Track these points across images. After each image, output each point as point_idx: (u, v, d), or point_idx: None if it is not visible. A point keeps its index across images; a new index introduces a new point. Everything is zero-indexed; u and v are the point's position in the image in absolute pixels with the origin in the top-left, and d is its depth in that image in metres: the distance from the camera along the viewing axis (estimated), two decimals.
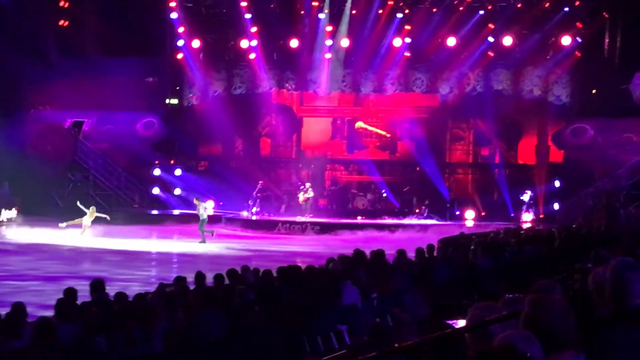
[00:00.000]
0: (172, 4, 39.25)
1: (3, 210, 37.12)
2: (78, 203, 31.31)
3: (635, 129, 34.73)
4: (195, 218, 36.04)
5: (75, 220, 30.51)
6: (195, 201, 31.07)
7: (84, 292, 11.60)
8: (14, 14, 39.16)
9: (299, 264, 14.14)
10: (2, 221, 36.57)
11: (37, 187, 39.05)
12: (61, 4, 40.66)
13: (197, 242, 29.51)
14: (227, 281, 12.56)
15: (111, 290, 12.10)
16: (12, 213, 37.49)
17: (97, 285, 11.46)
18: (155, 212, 39.15)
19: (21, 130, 40.17)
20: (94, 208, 31.24)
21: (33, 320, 9.25)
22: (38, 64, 41.08)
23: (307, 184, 37.24)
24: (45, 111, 41.64)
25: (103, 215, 31.16)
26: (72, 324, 9.50)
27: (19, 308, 9.58)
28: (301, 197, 36.71)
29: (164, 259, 28.27)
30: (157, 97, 42.13)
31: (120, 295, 11.24)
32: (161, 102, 42.22)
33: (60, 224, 30.64)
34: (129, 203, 40.02)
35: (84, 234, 30.16)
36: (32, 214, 36.98)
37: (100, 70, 40.66)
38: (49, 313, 10.92)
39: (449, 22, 37.38)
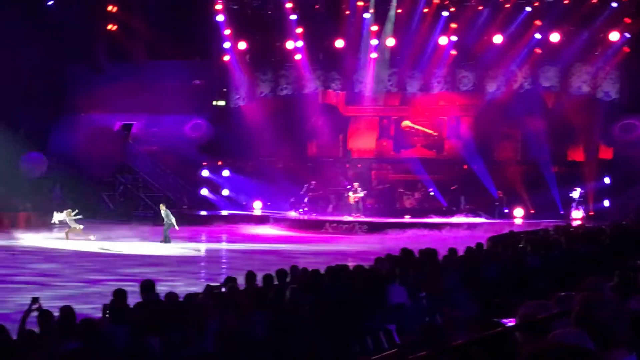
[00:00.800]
0: (218, 7, 39.51)
1: (55, 213, 36.81)
2: (55, 214, 31.74)
3: None
4: (244, 218, 37.65)
5: (71, 229, 30.74)
6: (160, 207, 31.04)
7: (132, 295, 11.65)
8: (64, 20, 39.65)
9: (347, 264, 14.10)
10: (54, 224, 36.49)
11: (87, 189, 39.55)
12: (110, 9, 40.86)
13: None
14: (276, 281, 12.55)
15: (161, 291, 12.13)
16: (64, 215, 37.07)
17: (148, 286, 11.45)
18: (204, 213, 39.62)
19: (71, 134, 40.63)
20: (69, 210, 31.44)
21: (84, 322, 9.28)
22: (87, 69, 41.74)
23: (356, 184, 37.35)
24: (95, 115, 41.99)
25: (77, 217, 31.23)
26: (124, 325, 9.54)
27: (70, 310, 9.61)
28: (351, 197, 36.86)
29: (212, 259, 28.80)
30: (204, 100, 42.51)
31: (171, 296, 11.21)
32: (208, 104, 42.59)
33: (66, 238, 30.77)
34: (178, 204, 39.87)
35: (74, 234, 30.49)
36: (84, 216, 36.80)
37: (148, 73, 41.05)
38: (98, 315, 11.62)
39: (496, 19, 37.22)
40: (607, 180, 35.68)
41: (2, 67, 38.20)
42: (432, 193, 38.82)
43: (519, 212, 36.21)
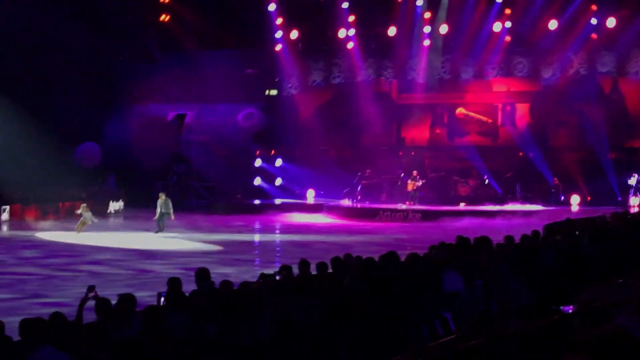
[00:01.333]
0: None
1: (111, 202, 38.39)
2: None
3: None
4: (297, 207, 38.10)
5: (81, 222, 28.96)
6: (160, 195, 30.25)
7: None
8: (117, 11, 39.97)
9: (401, 252, 13.68)
10: (110, 213, 37.86)
11: (141, 179, 40.25)
12: (161, 0, 41.39)
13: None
14: (330, 269, 12.64)
15: (215, 279, 12.16)
16: (119, 205, 38.96)
17: (203, 274, 11.52)
18: (257, 202, 40.21)
19: (125, 124, 41.71)
20: (84, 205, 29.68)
21: (141, 310, 9.44)
22: (140, 60, 42.20)
23: (414, 172, 37.56)
24: (148, 105, 42.43)
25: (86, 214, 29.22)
26: (181, 312, 9.64)
27: (128, 298, 9.74)
28: (410, 184, 37.13)
29: (266, 247, 29.24)
30: (257, 89, 42.81)
31: (226, 284, 11.12)
32: (260, 94, 43.01)
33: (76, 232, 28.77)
34: (231, 194, 40.69)
35: (82, 228, 28.77)
36: (138, 206, 38.13)
37: (200, 63, 41.33)
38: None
39: (551, 5, 37.17)
40: None
41: (56, 59, 38.76)
42: (487, 181, 39.08)
43: (575, 199, 36.28)
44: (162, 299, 11.35)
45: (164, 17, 42.07)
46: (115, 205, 38.82)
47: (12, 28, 36.86)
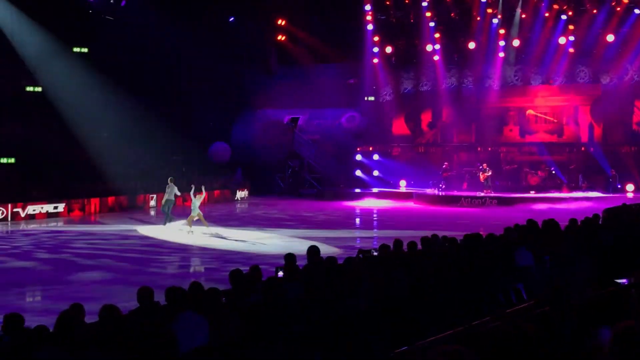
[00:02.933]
0: (368, 18, 42.30)
1: (237, 191, 41.98)
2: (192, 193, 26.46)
3: None
4: (391, 194, 39.83)
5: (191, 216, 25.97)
6: (169, 181, 28.15)
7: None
8: (242, 34, 43.08)
9: (481, 232, 14.02)
10: (237, 200, 41.36)
11: (263, 172, 43.43)
12: (279, 22, 44.05)
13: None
14: (419, 246, 12.87)
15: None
16: (245, 193, 42.44)
17: (313, 250, 11.66)
18: (357, 190, 42.16)
19: (249, 127, 44.83)
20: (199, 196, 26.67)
21: (265, 280, 9.91)
22: (261, 73, 45.12)
23: (484, 165, 38.77)
24: (268, 110, 44.91)
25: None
26: (296, 282, 9.80)
27: (256, 269, 10.25)
28: (481, 176, 38.38)
29: (366, 226, 30.89)
30: (357, 96, 44.75)
31: (331, 259, 11.17)
32: (361, 100, 44.86)
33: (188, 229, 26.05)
34: (336, 183, 43.04)
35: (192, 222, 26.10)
36: (259, 194, 42.01)
37: (310, 75, 43.85)
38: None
39: (609, 21, 38.47)
40: None
41: (194, 75, 41.63)
42: (553, 172, 40.15)
43: (630, 187, 37.11)
44: (280, 272, 11.59)
45: (282, 37, 44.89)
46: (241, 194, 41.95)
47: (161, 51, 39.26)
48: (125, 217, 31.61)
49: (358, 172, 44.08)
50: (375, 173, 43.90)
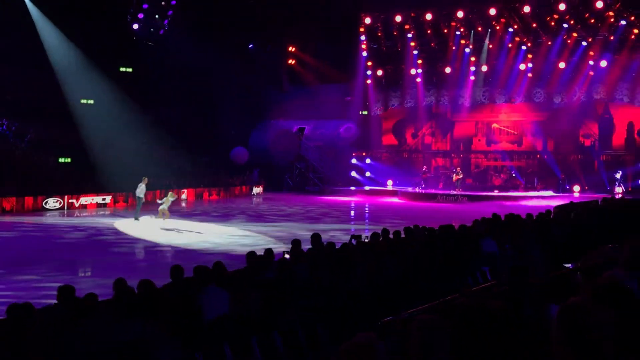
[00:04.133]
0: (363, 46, 42.11)
1: (254, 188, 41.85)
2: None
3: None
4: (380, 192, 39.35)
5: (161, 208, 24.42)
6: (143, 179, 25.42)
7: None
8: (260, 57, 43.34)
9: (454, 224, 13.74)
10: (254, 195, 41.29)
11: (275, 172, 43.34)
12: (290, 49, 43.99)
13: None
14: (403, 235, 12.67)
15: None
16: (260, 189, 42.30)
17: (316, 237, 11.45)
18: (352, 188, 41.81)
19: (265, 135, 44.21)
20: (171, 193, 25.57)
21: (276, 260, 9.70)
22: (275, 90, 44.65)
23: (458, 168, 38.93)
24: (280, 121, 44.55)
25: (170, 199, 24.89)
26: (303, 264, 9.50)
27: (270, 251, 10.00)
28: (454, 177, 38.27)
29: (359, 217, 30.42)
30: (353, 110, 44.30)
31: (330, 245, 11.00)
32: (356, 114, 44.38)
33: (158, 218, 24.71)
34: (335, 182, 42.72)
35: (164, 217, 24.43)
36: (272, 190, 41.92)
37: (315, 93, 43.63)
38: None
39: (562, 52, 38.02)
40: None
41: (220, 90, 41.06)
42: (514, 175, 39.70)
43: (577, 188, 36.67)
44: (287, 255, 11.22)
45: (292, 62, 44.75)
46: (257, 190, 41.85)
47: (194, 71, 39.15)
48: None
49: (353, 173, 43.75)
50: (367, 174, 43.62)
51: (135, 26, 38.60)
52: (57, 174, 33.02)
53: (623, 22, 36.34)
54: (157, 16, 39.20)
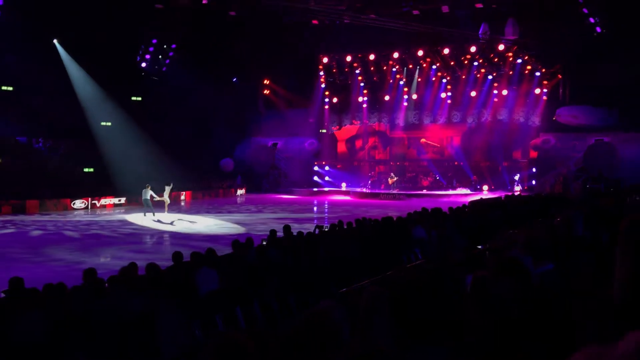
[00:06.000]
0: (322, 79, 41.90)
1: (238, 190, 41.00)
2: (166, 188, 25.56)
3: (578, 139, 34.21)
4: (336, 192, 38.69)
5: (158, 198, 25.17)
6: (147, 187, 24.98)
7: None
8: (242, 88, 42.73)
9: (392, 216, 13.18)
10: (238, 196, 40.35)
11: (254, 178, 42.60)
12: (265, 82, 43.48)
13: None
14: (354, 225, 12.59)
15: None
16: (243, 191, 41.38)
17: (287, 228, 11.39)
18: (315, 189, 41.32)
19: (246, 148, 43.46)
20: (168, 187, 25.99)
21: (256, 246, 9.63)
22: (255, 113, 43.94)
23: (392, 174, 38.93)
24: (258, 138, 43.73)
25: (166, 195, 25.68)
26: (277, 249, 9.34)
27: (250, 239, 9.69)
28: (390, 180, 38.52)
29: (320, 212, 29.39)
30: (315, 129, 43.74)
31: (300, 233, 11.01)
32: (317, 132, 43.93)
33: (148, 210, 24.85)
34: (301, 185, 42.00)
35: (165, 209, 25.32)
36: (252, 192, 41.09)
37: (285, 115, 42.30)
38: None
39: (473, 83, 38.17)
40: (534, 169, 36.40)
41: (213, 112, 40.29)
42: (437, 178, 39.96)
43: (485, 187, 36.93)
44: (264, 242, 11.01)
45: (267, 91, 44.03)
46: (240, 192, 41.02)
47: (191, 98, 38.16)
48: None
49: (315, 178, 43.02)
50: (327, 178, 43.11)
51: (144, 64, 38.44)
52: (83, 180, 33.08)
53: (519, 61, 36.46)
54: (160, 56, 39.09)
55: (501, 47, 34.85)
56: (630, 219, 2.02)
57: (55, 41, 34.39)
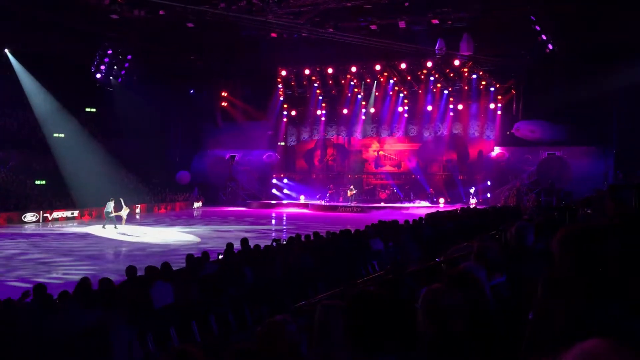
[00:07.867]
0: (280, 92, 41.83)
1: (195, 203, 40.50)
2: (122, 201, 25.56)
3: (531, 152, 34.92)
4: (294, 204, 38.59)
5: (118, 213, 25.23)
6: (110, 200, 25.19)
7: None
8: (199, 100, 42.69)
9: (350, 228, 13.03)
10: (195, 208, 39.77)
11: (212, 190, 42.11)
12: (223, 94, 43.08)
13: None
14: (313, 237, 12.49)
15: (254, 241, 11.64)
16: (199, 204, 40.93)
17: (244, 241, 11.13)
18: (273, 202, 40.62)
19: (203, 160, 43.10)
20: (124, 204, 25.94)
21: (212, 260, 9.45)
22: (212, 125, 43.71)
23: (352, 186, 38.79)
24: (215, 150, 43.39)
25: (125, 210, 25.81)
26: (234, 262, 9.23)
27: (206, 253, 9.58)
28: (349, 193, 38.35)
29: (278, 226, 29.14)
30: (274, 142, 43.96)
31: (257, 246, 10.67)
32: (275, 144, 44.03)
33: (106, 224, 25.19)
34: (259, 197, 41.89)
35: (122, 223, 25.42)
36: (210, 204, 40.50)
37: (243, 128, 42.65)
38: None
39: (431, 98, 38.69)
40: (489, 182, 36.84)
41: (168, 126, 40.58)
42: (395, 190, 39.74)
43: (442, 200, 36.99)
44: (220, 256, 10.75)
45: (224, 103, 43.63)
46: (197, 204, 40.48)
47: (146, 110, 37.98)
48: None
49: (274, 190, 43.05)
50: (285, 191, 42.95)
51: (98, 75, 38.21)
52: (34, 193, 32.12)
53: (474, 76, 36.99)
54: (115, 67, 38.79)
55: (457, 62, 35.30)
56: (567, 229, 2.02)
57: (6, 50, 33.81)
